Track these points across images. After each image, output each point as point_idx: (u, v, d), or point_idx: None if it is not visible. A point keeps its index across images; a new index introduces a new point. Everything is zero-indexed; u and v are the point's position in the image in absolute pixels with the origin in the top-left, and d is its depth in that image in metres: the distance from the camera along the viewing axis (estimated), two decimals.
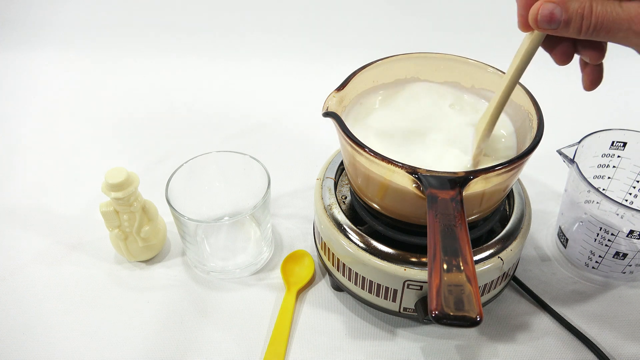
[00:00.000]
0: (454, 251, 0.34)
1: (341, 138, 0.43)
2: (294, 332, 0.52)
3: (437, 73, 0.52)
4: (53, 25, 1.01)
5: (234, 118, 0.82)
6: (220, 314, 0.54)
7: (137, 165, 0.72)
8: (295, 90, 0.89)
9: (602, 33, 0.32)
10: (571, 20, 0.33)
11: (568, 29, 0.33)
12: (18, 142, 0.78)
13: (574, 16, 0.33)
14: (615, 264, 0.54)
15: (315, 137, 0.77)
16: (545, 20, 0.34)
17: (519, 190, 0.52)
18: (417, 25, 0.99)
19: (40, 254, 0.60)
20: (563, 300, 0.55)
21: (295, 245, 0.61)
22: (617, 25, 0.32)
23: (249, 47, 0.98)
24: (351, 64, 0.51)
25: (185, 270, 0.58)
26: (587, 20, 0.32)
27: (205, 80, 0.91)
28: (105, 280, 0.57)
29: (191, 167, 0.57)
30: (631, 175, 0.57)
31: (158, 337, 0.52)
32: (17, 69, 0.95)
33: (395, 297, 0.47)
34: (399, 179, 0.40)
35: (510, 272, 0.51)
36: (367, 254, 0.46)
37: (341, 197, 0.53)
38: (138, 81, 0.91)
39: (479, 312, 0.32)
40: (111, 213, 0.54)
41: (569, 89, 0.83)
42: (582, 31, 0.33)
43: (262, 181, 0.55)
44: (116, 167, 0.52)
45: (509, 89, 0.41)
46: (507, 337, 0.52)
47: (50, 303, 0.55)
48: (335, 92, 0.45)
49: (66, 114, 0.84)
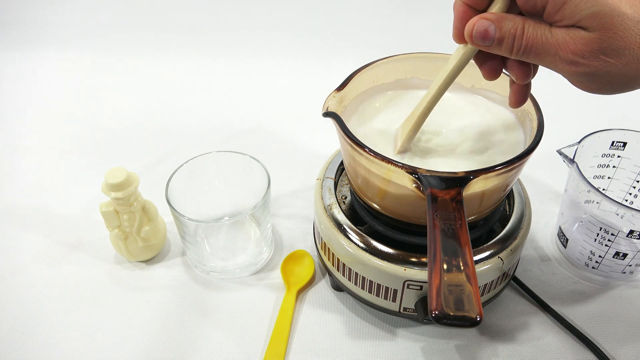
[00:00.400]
0: (454, 251, 0.34)
1: (341, 138, 0.43)
2: (294, 332, 0.52)
3: (437, 73, 0.52)
4: (53, 25, 1.02)
5: (234, 118, 0.82)
6: (220, 314, 0.54)
7: (137, 165, 0.72)
8: (295, 90, 0.89)
9: (532, 55, 0.34)
10: (504, 39, 0.34)
11: (500, 48, 0.35)
12: (18, 142, 0.78)
13: (506, 35, 0.34)
14: (615, 264, 0.54)
15: (315, 137, 0.77)
16: (480, 37, 0.35)
17: (519, 190, 0.52)
18: (417, 25, 0.99)
19: (40, 254, 0.60)
20: (563, 300, 0.55)
21: (295, 245, 0.61)
22: (545, 49, 0.33)
23: (249, 47, 0.98)
24: (351, 64, 0.51)
25: (185, 270, 0.58)
26: (518, 41, 0.34)
27: (205, 80, 0.92)
28: (105, 280, 0.57)
29: (191, 167, 0.57)
30: (631, 175, 0.57)
31: (158, 337, 0.52)
32: (17, 69, 0.95)
33: (395, 297, 0.47)
34: (399, 179, 0.40)
35: (510, 272, 0.51)
36: (367, 254, 0.46)
37: (341, 197, 0.53)
38: (138, 81, 0.91)
39: (479, 312, 0.32)
40: (111, 213, 0.54)
41: (569, 89, 0.83)
42: (513, 51, 0.34)
43: (262, 181, 0.55)
44: (116, 167, 0.52)
45: (437, 95, 0.42)
46: (507, 337, 0.52)
47: (50, 303, 0.55)
48: (335, 92, 0.45)
49: (66, 113, 0.84)
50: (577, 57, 0.32)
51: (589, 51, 0.31)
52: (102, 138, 0.79)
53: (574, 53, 0.32)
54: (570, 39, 0.32)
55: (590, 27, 0.31)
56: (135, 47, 0.98)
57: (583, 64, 0.32)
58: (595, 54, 0.31)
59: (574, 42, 0.32)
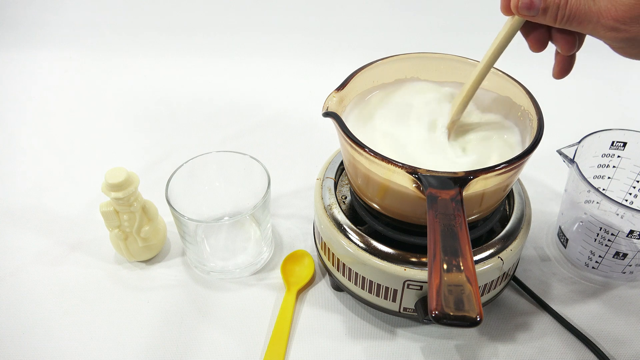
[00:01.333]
0: (454, 251, 0.34)
1: (341, 138, 0.43)
2: (294, 332, 0.52)
3: (437, 73, 0.52)
4: (53, 25, 1.02)
5: (234, 118, 0.82)
6: (220, 314, 0.54)
7: (137, 165, 0.72)
8: (295, 90, 0.89)
9: (575, 23, 0.36)
10: (548, 8, 0.36)
11: (545, 17, 0.37)
12: (18, 142, 0.78)
13: (550, 5, 0.36)
14: (615, 264, 0.54)
15: (315, 137, 0.77)
16: (525, 7, 0.37)
17: (519, 190, 0.52)
18: (417, 25, 0.99)
19: (40, 254, 0.60)
20: (563, 300, 0.55)
21: (295, 245, 0.61)
22: (588, 17, 0.35)
23: (249, 47, 0.98)
24: (351, 64, 0.51)
25: (185, 270, 0.58)
26: (562, 10, 0.35)
27: (205, 79, 0.92)
28: (105, 280, 0.57)
29: (191, 167, 0.57)
30: (631, 175, 0.57)
31: (158, 337, 0.52)
32: (17, 69, 0.95)
33: (395, 297, 0.47)
34: (399, 179, 0.40)
35: (510, 272, 0.51)
36: (367, 254, 0.46)
37: (341, 197, 0.53)
38: (138, 81, 0.91)
39: (479, 312, 0.32)
40: (111, 213, 0.54)
41: (569, 89, 0.83)
42: (557, 20, 0.36)
43: (262, 181, 0.55)
44: (116, 167, 0.52)
45: (487, 67, 0.44)
46: (507, 337, 0.52)
47: (50, 303, 0.55)
48: (335, 92, 0.45)
49: (66, 113, 0.84)
50: (618, 23, 0.34)
51: (630, 17, 0.33)
52: (102, 138, 0.79)
53: (614, 19, 0.33)
54: (612, 5, 0.33)
55: None
56: (135, 47, 0.98)
57: (624, 29, 0.34)
58: (636, 19, 0.33)
59: (615, 9, 0.33)
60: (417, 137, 0.46)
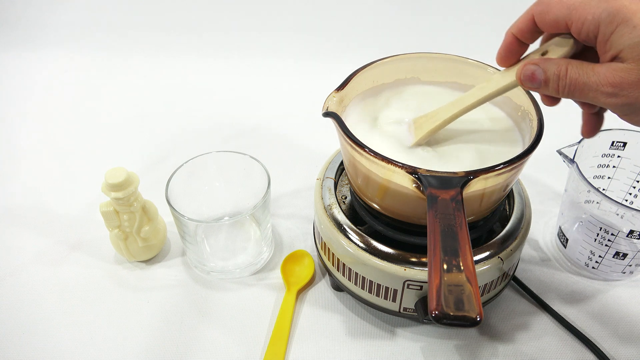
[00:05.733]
0: (454, 251, 0.34)
1: (341, 138, 0.43)
2: (294, 332, 0.52)
3: (437, 73, 0.52)
4: (53, 25, 1.02)
5: (234, 118, 0.82)
6: (220, 314, 0.54)
7: (137, 165, 0.72)
8: (296, 90, 0.89)
9: (577, 93, 0.36)
10: (549, 80, 0.36)
11: (548, 88, 0.37)
12: (18, 142, 0.78)
13: (551, 77, 0.36)
14: (615, 264, 0.54)
15: (316, 137, 0.77)
16: (528, 80, 0.38)
17: (519, 190, 0.52)
18: (417, 25, 0.99)
19: (40, 254, 0.60)
20: (563, 300, 0.55)
21: (295, 245, 0.61)
22: (588, 86, 0.35)
23: (249, 47, 0.98)
24: (351, 64, 0.51)
25: (185, 270, 0.58)
26: (562, 81, 0.36)
27: (205, 80, 0.92)
28: (105, 280, 0.57)
29: (191, 167, 0.57)
30: (631, 175, 0.57)
31: (158, 337, 0.52)
32: (17, 69, 0.95)
33: (395, 297, 0.47)
34: (399, 179, 0.40)
35: (510, 272, 0.51)
36: (367, 254, 0.46)
37: (341, 197, 0.53)
38: (138, 81, 0.91)
39: (479, 312, 0.32)
40: (111, 213, 0.54)
41: None
42: (559, 91, 0.36)
43: (262, 181, 0.55)
44: (116, 167, 0.52)
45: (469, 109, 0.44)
46: (507, 337, 0.52)
47: (50, 303, 0.55)
48: (335, 92, 0.45)
49: (66, 113, 0.84)
50: (616, 89, 0.33)
51: (628, 82, 0.33)
52: (102, 138, 0.79)
53: (613, 85, 0.33)
54: (609, 72, 0.33)
55: (629, 58, 0.32)
56: (136, 47, 0.98)
57: (623, 95, 0.33)
58: (635, 85, 0.33)
59: (613, 75, 0.33)
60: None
